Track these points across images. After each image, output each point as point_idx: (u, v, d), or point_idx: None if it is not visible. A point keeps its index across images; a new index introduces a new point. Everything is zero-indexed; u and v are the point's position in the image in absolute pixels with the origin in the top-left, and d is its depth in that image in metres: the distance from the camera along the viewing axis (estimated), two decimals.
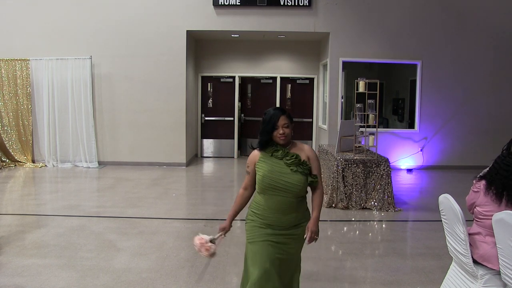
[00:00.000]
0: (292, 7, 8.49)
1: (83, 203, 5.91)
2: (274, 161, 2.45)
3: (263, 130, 2.47)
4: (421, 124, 8.88)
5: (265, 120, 2.46)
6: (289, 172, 2.41)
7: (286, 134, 2.44)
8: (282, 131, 2.42)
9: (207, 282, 3.45)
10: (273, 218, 2.45)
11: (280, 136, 2.43)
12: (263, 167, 2.45)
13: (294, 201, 2.44)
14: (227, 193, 6.85)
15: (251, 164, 2.53)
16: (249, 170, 2.55)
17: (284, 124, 2.43)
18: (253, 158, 2.53)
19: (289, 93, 10.18)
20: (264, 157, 2.48)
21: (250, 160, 2.55)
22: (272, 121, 2.43)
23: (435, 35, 8.69)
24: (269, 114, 2.45)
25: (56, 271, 3.58)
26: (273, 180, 2.41)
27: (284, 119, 2.43)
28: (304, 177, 2.43)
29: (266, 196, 2.46)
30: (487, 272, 2.58)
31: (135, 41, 8.62)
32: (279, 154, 2.45)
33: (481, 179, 2.76)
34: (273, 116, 2.43)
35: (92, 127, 8.67)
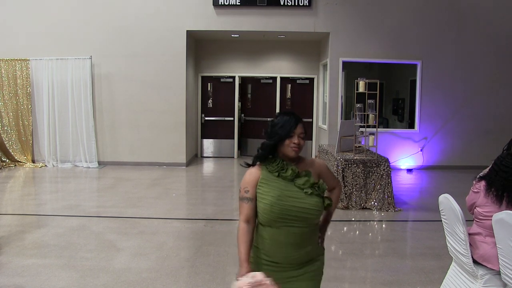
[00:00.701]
0: (292, 7, 8.49)
1: (83, 203, 5.91)
2: (282, 183, 1.94)
3: (273, 134, 1.98)
4: (421, 124, 8.88)
5: (276, 124, 2.00)
6: (304, 196, 1.93)
7: (301, 145, 2.01)
8: (298, 141, 1.99)
9: (207, 282, 3.45)
10: (282, 254, 1.95)
11: (294, 147, 1.98)
12: (268, 192, 1.93)
13: (308, 231, 1.96)
14: (227, 193, 6.85)
15: (251, 187, 1.97)
16: (250, 195, 1.97)
17: (301, 134, 2.01)
18: (252, 179, 1.98)
19: (289, 93, 10.18)
20: (268, 179, 1.96)
21: (248, 182, 1.98)
22: (288, 126, 1.98)
23: (435, 35, 8.69)
24: (284, 118, 2.01)
25: (56, 271, 3.58)
26: (284, 209, 1.90)
27: (301, 127, 2.03)
28: (321, 199, 1.96)
29: (273, 229, 1.94)
30: (487, 272, 2.58)
31: (135, 41, 8.62)
32: (289, 175, 1.96)
33: (481, 180, 2.76)
34: (289, 121, 2.00)
35: (92, 127, 8.67)
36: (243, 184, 2.00)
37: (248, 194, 1.98)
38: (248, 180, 2.00)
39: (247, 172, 2.02)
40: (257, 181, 1.97)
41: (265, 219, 1.94)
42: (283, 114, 2.05)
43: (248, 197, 1.97)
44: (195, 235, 4.66)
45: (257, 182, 1.97)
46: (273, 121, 2.04)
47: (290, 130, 1.99)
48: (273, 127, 2.02)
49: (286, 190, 1.94)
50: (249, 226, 1.97)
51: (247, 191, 1.98)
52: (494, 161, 2.75)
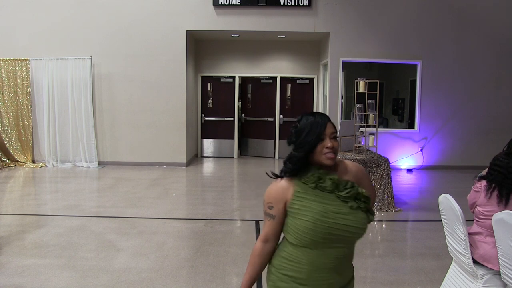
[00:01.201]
0: (292, 7, 8.49)
1: (83, 203, 5.91)
2: (322, 196, 1.62)
3: (301, 144, 1.63)
4: (421, 124, 8.88)
5: (302, 129, 1.65)
6: (348, 211, 1.61)
7: (336, 148, 1.66)
8: (331, 144, 1.63)
9: (207, 282, 3.45)
10: (323, 282, 1.64)
11: (328, 152, 1.63)
12: (309, 207, 1.60)
13: (350, 252, 1.71)
14: (227, 193, 6.85)
15: (277, 203, 1.65)
16: (274, 212, 1.66)
17: (332, 134, 1.65)
18: (280, 193, 1.65)
19: (289, 93, 10.18)
20: (305, 191, 1.63)
21: (274, 197, 1.66)
22: (317, 129, 1.63)
23: (435, 35, 8.69)
24: (309, 121, 1.65)
25: (56, 271, 3.58)
26: (330, 227, 1.58)
27: (331, 126, 1.66)
28: (366, 214, 1.66)
29: (314, 252, 1.61)
30: (487, 272, 2.58)
31: (135, 41, 8.62)
32: (328, 185, 1.63)
33: (481, 179, 2.77)
34: (316, 123, 1.64)
35: (92, 127, 8.67)
36: (267, 198, 1.68)
37: (272, 210, 1.66)
38: (274, 195, 1.66)
39: (273, 184, 1.69)
40: (287, 195, 1.64)
41: (305, 240, 1.60)
42: (306, 116, 1.70)
43: (271, 213, 1.67)
44: (195, 235, 4.66)
45: (286, 197, 1.64)
46: (296, 126, 1.69)
47: (319, 133, 1.63)
48: (298, 134, 1.66)
49: (329, 204, 1.61)
50: (266, 246, 1.68)
51: (270, 206, 1.67)
52: (492, 160, 2.74)
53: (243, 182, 7.74)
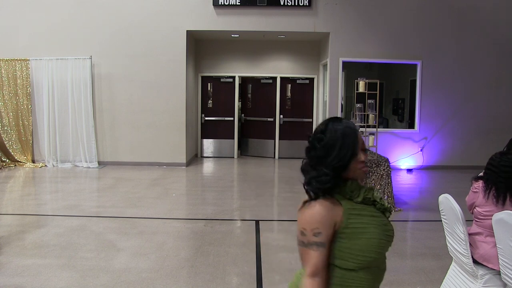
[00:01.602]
0: (292, 7, 8.49)
1: (83, 203, 5.91)
2: (369, 209, 1.48)
3: (335, 160, 1.43)
4: (421, 124, 8.88)
5: (333, 143, 1.44)
6: (386, 221, 1.50)
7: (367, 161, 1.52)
8: (365, 158, 1.48)
9: (207, 282, 3.45)
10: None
11: (363, 167, 1.47)
12: (369, 223, 1.44)
13: None
14: (227, 193, 6.85)
15: (326, 227, 1.39)
16: (323, 239, 1.39)
17: (363, 145, 1.50)
18: (328, 215, 1.40)
19: (289, 93, 10.18)
20: (355, 207, 1.45)
21: (320, 221, 1.39)
22: (350, 143, 1.43)
23: (435, 35, 8.69)
24: (339, 132, 1.44)
25: (56, 271, 3.58)
26: (387, 240, 1.47)
27: (360, 136, 1.50)
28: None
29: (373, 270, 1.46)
30: (487, 272, 2.58)
31: (135, 41, 8.62)
32: (372, 197, 1.50)
33: (478, 180, 2.77)
34: (349, 135, 1.45)
35: (92, 127, 8.66)
36: (310, 224, 1.39)
37: (320, 237, 1.38)
38: (319, 218, 1.38)
39: (312, 207, 1.41)
40: (336, 216, 1.41)
41: (367, 260, 1.41)
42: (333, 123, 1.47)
43: (319, 241, 1.38)
44: (195, 235, 4.66)
45: (336, 219, 1.41)
46: (321, 136, 1.47)
47: (354, 147, 1.44)
48: (329, 148, 1.44)
49: (377, 216, 1.48)
50: (318, 282, 1.38)
51: (317, 233, 1.37)
52: (489, 161, 2.75)
53: (243, 182, 7.74)
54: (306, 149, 1.54)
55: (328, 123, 1.49)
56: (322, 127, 1.50)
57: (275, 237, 4.64)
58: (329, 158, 1.43)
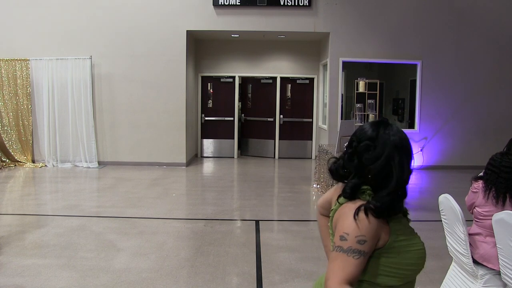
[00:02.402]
0: (292, 7, 8.49)
1: (83, 203, 5.91)
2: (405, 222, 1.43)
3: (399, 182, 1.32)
4: (421, 124, 8.88)
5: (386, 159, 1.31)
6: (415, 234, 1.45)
7: None
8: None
9: (207, 282, 3.45)
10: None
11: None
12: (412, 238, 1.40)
13: None
14: (227, 193, 6.85)
15: (372, 238, 1.30)
16: (367, 248, 1.29)
17: None
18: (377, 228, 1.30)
19: (289, 93, 10.18)
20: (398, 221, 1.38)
21: (369, 231, 1.29)
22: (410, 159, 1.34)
23: (435, 35, 8.69)
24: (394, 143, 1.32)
25: (56, 271, 3.58)
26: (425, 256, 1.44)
27: None
28: None
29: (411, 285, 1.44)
30: (487, 272, 2.58)
31: (135, 41, 8.62)
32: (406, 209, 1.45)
33: (477, 180, 2.77)
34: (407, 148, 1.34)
35: (92, 127, 8.67)
36: (358, 230, 1.28)
37: (364, 246, 1.27)
38: (369, 229, 1.28)
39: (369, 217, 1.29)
40: (381, 232, 1.31)
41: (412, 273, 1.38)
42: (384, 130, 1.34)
43: (362, 250, 1.27)
44: (195, 235, 4.66)
45: (380, 234, 1.31)
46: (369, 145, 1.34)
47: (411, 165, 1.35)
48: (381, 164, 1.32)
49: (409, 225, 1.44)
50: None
51: (362, 241, 1.27)
52: (489, 162, 2.74)
53: (243, 182, 7.74)
54: (347, 153, 1.39)
55: (379, 128, 1.33)
56: (371, 132, 1.33)
57: (275, 237, 4.64)
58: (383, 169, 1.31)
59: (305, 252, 4.15)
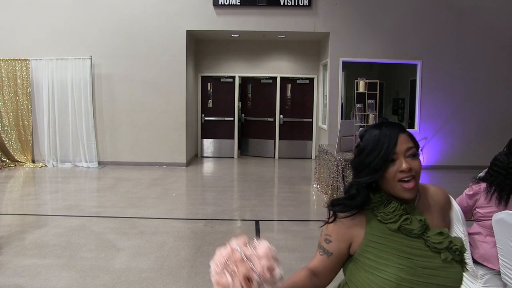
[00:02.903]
0: (292, 7, 8.49)
1: (83, 203, 5.91)
2: (406, 243, 1.20)
3: (363, 165, 1.23)
4: (421, 124, 8.88)
5: (363, 148, 1.24)
6: (440, 265, 1.19)
7: (415, 172, 1.22)
8: (407, 166, 1.20)
9: (207, 282, 3.45)
10: None
11: (404, 178, 1.20)
12: (390, 259, 1.19)
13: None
14: (227, 193, 6.85)
15: (338, 240, 1.26)
16: (331, 249, 1.27)
17: (409, 151, 1.22)
18: (343, 228, 1.25)
19: (289, 93, 10.18)
20: (382, 235, 1.21)
21: (336, 231, 1.26)
22: (383, 145, 1.20)
23: (435, 35, 8.69)
24: (373, 134, 1.24)
25: (56, 271, 3.58)
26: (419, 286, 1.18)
27: (407, 140, 1.23)
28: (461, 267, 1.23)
29: None
30: (487, 272, 2.58)
31: (135, 41, 8.62)
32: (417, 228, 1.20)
33: (479, 181, 2.74)
34: (383, 137, 1.21)
35: (92, 127, 8.67)
36: (327, 228, 1.28)
37: (328, 245, 1.26)
38: (333, 229, 1.26)
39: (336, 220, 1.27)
40: (354, 235, 1.24)
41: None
42: (372, 129, 1.25)
43: (326, 249, 1.27)
44: (195, 235, 4.66)
45: (352, 237, 1.24)
46: (359, 143, 1.28)
47: (387, 151, 1.19)
48: (359, 154, 1.25)
49: (417, 255, 1.18)
50: (313, 280, 1.27)
51: (328, 240, 1.26)
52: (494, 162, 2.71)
53: (243, 182, 7.74)
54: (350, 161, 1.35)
55: (368, 128, 1.27)
56: (360, 132, 1.29)
57: (275, 237, 4.63)
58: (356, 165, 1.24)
59: (305, 252, 4.15)
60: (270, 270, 1.14)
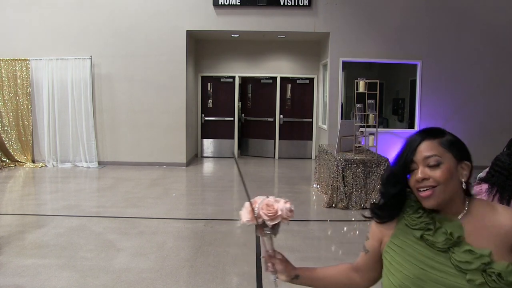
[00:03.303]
0: (292, 7, 8.49)
1: (83, 203, 5.91)
2: (426, 252, 1.14)
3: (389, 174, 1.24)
4: (421, 124, 8.88)
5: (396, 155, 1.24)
6: (466, 286, 1.09)
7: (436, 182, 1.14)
8: (421, 176, 1.14)
9: (207, 282, 3.45)
10: None
11: (421, 187, 1.15)
12: (401, 264, 1.17)
13: None
14: (227, 193, 6.85)
15: (373, 238, 1.30)
16: (368, 246, 1.32)
17: (428, 160, 1.15)
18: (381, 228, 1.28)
19: (289, 93, 10.18)
20: (404, 239, 1.19)
21: (373, 229, 1.31)
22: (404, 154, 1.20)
23: (435, 35, 8.68)
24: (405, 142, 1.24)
25: (56, 271, 3.58)
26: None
27: (429, 148, 1.17)
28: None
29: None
30: None
31: (135, 41, 8.62)
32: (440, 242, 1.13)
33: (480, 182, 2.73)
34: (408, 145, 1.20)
35: (92, 127, 8.67)
36: (370, 228, 1.34)
37: (366, 242, 1.33)
38: (372, 226, 1.32)
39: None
40: (384, 235, 1.26)
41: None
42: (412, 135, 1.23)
43: (365, 245, 1.33)
44: (195, 235, 4.66)
45: (382, 237, 1.26)
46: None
47: (406, 160, 1.17)
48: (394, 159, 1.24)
49: (436, 270, 1.11)
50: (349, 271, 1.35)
51: (367, 238, 1.33)
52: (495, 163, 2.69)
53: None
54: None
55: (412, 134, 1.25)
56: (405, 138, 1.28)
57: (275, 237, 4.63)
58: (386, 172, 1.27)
59: (305, 252, 4.15)
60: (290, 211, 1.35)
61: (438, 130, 1.23)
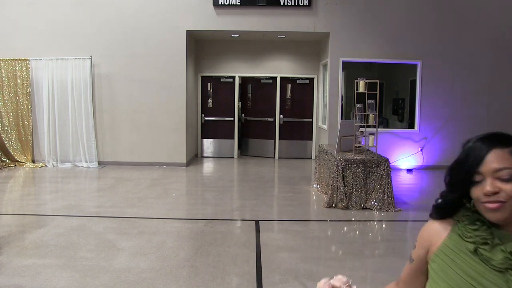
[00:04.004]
0: (292, 7, 8.49)
1: (83, 203, 5.91)
2: (478, 268, 1.06)
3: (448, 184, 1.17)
4: (421, 124, 8.88)
5: (456, 161, 1.15)
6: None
7: (508, 197, 1.02)
8: (490, 189, 1.03)
9: (207, 282, 3.45)
10: None
11: (487, 201, 1.04)
12: (448, 274, 1.11)
13: None
14: (227, 193, 6.85)
15: (420, 246, 1.23)
16: (414, 255, 1.25)
17: (500, 171, 1.04)
18: (426, 235, 1.23)
19: (289, 93, 10.18)
20: (455, 249, 1.12)
21: (420, 237, 1.25)
22: (468, 162, 1.09)
23: (435, 35, 8.69)
24: (468, 147, 1.12)
25: (56, 271, 3.58)
26: None
27: (499, 159, 1.05)
28: None
29: None
30: None
31: (135, 41, 8.62)
32: (498, 260, 1.04)
33: None
34: (473, 152, 1.09)
35: (92, 127, 8.67)
36: (418, 238, 1.26)
37: (413, 251, 1.25)
38: (421, 234, 1.24)
39: (429, 223, 1.24)
40: (432, 243, 1.18)
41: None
42: (474, 139, 1.13)
43: (410, 255, 1.26)
44: (195, 235, 4.66)
45: (430, 245, 1.19)
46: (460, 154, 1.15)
47: (470, 169, 1.07)
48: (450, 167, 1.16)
49: (483, 286, 1.04)
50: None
51: (414, 246, 1.26)
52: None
53: (243, 182, 7.74)
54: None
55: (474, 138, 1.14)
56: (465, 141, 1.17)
57: (275, 237, 4.64)
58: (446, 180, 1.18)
59: (305, 252, 4.15)
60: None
61: (508, 137, 1.08)
